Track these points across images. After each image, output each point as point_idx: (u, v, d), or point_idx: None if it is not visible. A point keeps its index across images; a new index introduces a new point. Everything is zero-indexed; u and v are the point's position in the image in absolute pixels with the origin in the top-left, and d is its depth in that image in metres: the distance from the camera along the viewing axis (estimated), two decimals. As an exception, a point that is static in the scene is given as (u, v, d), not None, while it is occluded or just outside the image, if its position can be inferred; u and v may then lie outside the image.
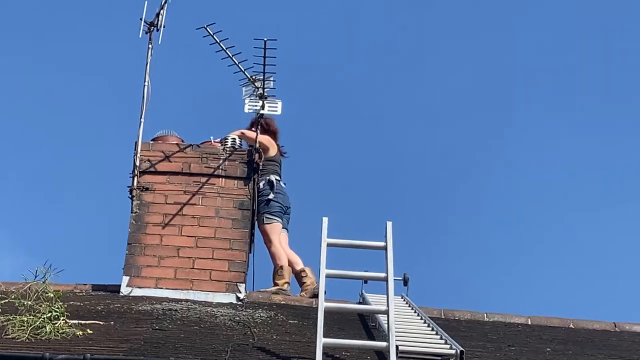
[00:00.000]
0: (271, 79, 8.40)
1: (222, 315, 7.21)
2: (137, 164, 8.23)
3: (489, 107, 18.60)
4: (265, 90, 8.40)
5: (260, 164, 8.42)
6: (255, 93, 8.45)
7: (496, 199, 17.97)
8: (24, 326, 6.17)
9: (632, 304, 14.60)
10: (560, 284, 16.61)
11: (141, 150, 8.28)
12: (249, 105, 8.49)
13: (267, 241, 8.64)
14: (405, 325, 6.81)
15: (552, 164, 18.17)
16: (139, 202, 8.17)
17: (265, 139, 8.79)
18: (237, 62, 8.38)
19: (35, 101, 18.44)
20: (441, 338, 6.42)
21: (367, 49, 18.78)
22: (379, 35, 18.63)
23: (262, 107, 8.43)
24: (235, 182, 8.29)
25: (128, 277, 7.95)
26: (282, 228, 8.75)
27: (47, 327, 6.20)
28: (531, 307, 15.68)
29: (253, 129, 8.67)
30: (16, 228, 16.28)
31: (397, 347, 5.77)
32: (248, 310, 7.48)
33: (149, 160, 8.29)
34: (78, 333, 6.26)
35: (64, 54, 18.97)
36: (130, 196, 8.19)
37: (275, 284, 8.44)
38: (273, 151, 8.86)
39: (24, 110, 18.18)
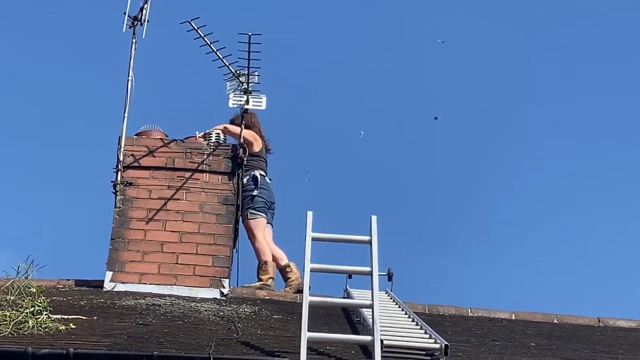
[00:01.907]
0: (255, 73, 8.39)
1: (206, 311, 7.18)
2: (121, 158, 8.20)
3: (478, 101, 18.64)
4: (250, 85, 8.38)
5: (245, 159, 8.39)
6: (239, 88, 8.43)
7: (481, 196, 18.00)
8: (7, 321, 6.14)
9: (616, 299, 14.68)
10: (544, 279, 16.66)
11: (125, 145, 8.24)
12: (233, 100, 8.47)
13: (252, 236, 8.62)
14: (389, 319, 6.80)
15: (538, 163, 18.21)
16: (122, 197, 8.14)
17: (249, 133, 8.77)
18: (221, 57, 8.36)
19: (17, 95, 18.37)
20: (426, 332, 6.42)
21: (353, 44, 18.79)
22: (367, 29, 18.64)
23: (247, 102, 8.41)
24: (220, 177, 8.27)
25: (111, 273, 7.91)
26: (267, 223, 8.73)
27: (30, 322, 6.17)
28: (515, 303, 15.69)
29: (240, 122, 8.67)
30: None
31: (381, 341, 5.76)
32: (232, 306, 7.46)
33: (132, 155, 8.25)
34: (61, 328, 6.23)
35: (46, 48, 18.89)
36: (113, 191, 8.15)
37: (260, 279, 8.42)
38: (257, 146, 8.83)
39: (5, 104, 18.11)
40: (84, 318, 6.59)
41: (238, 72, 8.39)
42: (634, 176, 17.84)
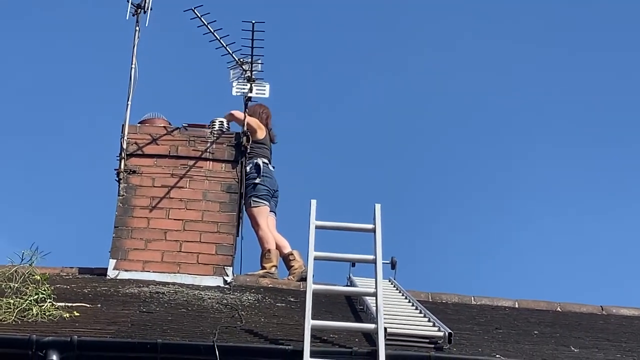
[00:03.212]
0: (259, 61, 8.37)
1: (209, 299, 7.19)
2: (124, 146, 8.20)
3: (484, 91, 18.62)
4: (253, 73, 8.37)
5: (248, 147, 8.39)
6: (243, 76, 8.42)
7: (485, 184, 17.99)
8: (11, 308, 6.14)
9: (619, 288, 14.69)
10: (547, 268, 16.67)
11: (128, 132, 8.24)
12: (236, 88, 8.46)
13: (255, 224, 8.62)
14: (393, 308, 6.80)
15: (542, 152, 18.18)
16: (126, 185, 8.14)
17: (253, 121, 8.76)
18: (224, 45, 8.35)
19: (21, 82, 18.37)
20: (429, 320, 6.42)
21: (358, 31, 18.75)
22: (374, 16, 18.59)
23: (250, 90, 8.40)
24: (223, 165, 8.27)
25: (115, 260, 7.92)
26: (270, 211, 8.74)
27: (34, 310, 6.18)
28: (518, 291, 15.74)
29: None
30: (1, 211, 16.22)
31: (385, 329, 5.76)
32: (235, 294, 7.47)
33: (136, 143, 8.25)
34: (65, 315, 6.24)
35: (50, 37, 18.88)
36: (117, 179, 8.16)
37: (263, 268, 8.43)
38: (261, 134, 8.83)
39: (9, 91, 18.11)
40: (88, 306, 6.60)
41: (241, 60, 8.38)
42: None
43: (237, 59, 8.39)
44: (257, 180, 8.65)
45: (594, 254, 17.49)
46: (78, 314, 6.32)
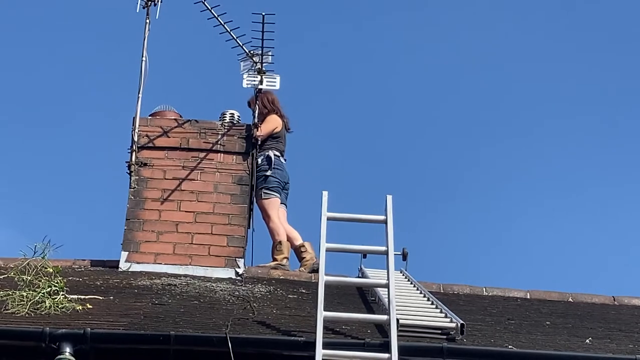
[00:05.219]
0: (269, 53, 8.38)
1: (221, 290, 7.20)
2: (135, 139, 8.21)
3: (490, 84, 18.61)
4: (264, 65, 8.38)
5: (259, 140, 8.40)
6: (253, 68, 8.43)
7: (495, 174, 17.97)
8: (24, 301, 6.17)
9: (631, 278, 14.66)
10: (559, 258, 16.64)
11: (139, 125, 8.26)
12: (247, 80, 8.47)
13: (266, 216, 8.63)
14: (405, 299, 6.80)
15: (547, 142, 18.15)
16: (137, 177, 8.16)
17: (272, 120, 8.72)
18: (235, 37, 8.36)
19: (31, 75, 18.40)
20: (441, 312, 6.42)
21: (366, 22, 18.73)
22: (380, 8, 18.56)
23: (261, 82, 8.41)
24: (234, 157, 8.28)
25: (127, 253, 7.94)
26: (281, 203, 8.74)
27: (47, 302, 6.20)
28: (530, 282, 15.72)
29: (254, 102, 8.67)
30: (13, 204, 16.26)
31: (397, 320, 5.76)
32: (247, 285, 7.48)
33: (147, 136, 8.27)
34: (78, 308, 6.26)
35: (60, 30, 18.90)
36: (128, 171, 8.17)
37: (274, 259, 8.44)
38: (278, 128, 8.81)
39: (18, 84, 18.14)
40: (100, 298, 6.62)
41: (252, 52, 8.39)
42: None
43: (247, 51, 8.40)
44: (268, 173, 8.66)
45: (605, 244, 17.47)
46: (91, 307, 6.34)
